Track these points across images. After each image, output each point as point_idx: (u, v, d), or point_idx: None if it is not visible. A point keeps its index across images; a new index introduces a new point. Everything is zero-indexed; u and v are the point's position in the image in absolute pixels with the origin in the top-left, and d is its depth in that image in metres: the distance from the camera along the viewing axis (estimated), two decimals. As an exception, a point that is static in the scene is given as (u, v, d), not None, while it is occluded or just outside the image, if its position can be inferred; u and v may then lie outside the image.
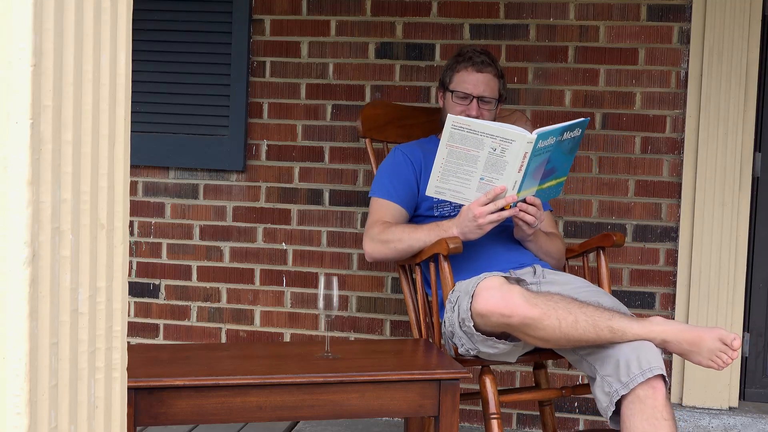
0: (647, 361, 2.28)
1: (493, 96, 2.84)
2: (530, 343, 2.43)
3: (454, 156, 2.51)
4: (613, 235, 2.79)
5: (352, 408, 2.20)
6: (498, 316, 2.34)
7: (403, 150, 2.91)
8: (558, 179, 2.67)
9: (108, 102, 1.36)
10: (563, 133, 2.51)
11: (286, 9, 3.54)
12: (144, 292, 3.67)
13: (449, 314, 2.52)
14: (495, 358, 2.51)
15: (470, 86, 2.82)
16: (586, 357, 2.41)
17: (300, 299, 3.58)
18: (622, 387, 2.28)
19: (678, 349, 2.34)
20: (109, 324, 1.39)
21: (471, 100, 2.81)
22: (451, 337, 2.54)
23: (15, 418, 1.21)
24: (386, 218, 2.79)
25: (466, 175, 2.53)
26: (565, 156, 2.60)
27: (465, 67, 2.84)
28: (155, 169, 3.64)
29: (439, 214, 2.81)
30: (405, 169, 2.86)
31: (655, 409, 2.25)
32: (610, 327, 2.33)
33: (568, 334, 2.33)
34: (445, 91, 2.89)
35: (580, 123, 2.55)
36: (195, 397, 2.11)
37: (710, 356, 2.32)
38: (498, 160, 2.47)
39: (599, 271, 2.82)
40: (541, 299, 2.36)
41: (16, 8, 1.20)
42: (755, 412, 3.30)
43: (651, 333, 2.33)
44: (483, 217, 2.53)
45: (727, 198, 3.27)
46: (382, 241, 2.73)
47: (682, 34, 3.31)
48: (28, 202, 1.21)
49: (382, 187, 2.85)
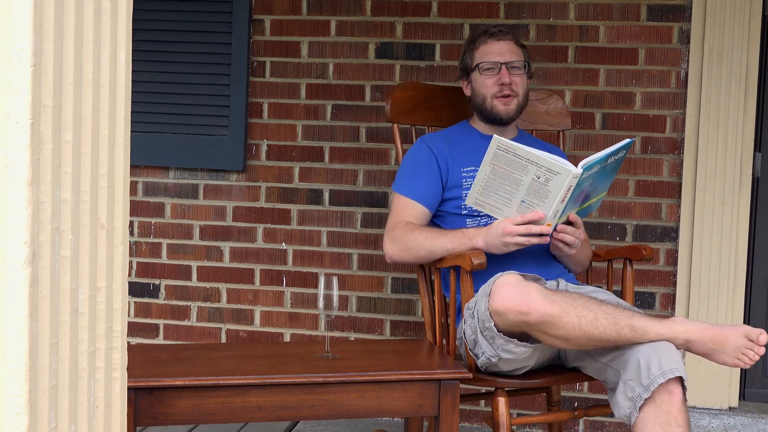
0: (668, 362, 2.20)
1: (520, 60, 2.74)
2: (549, 343, 2.33)
3: (496, 175, 2.43)
4: (642, 249, 2.69)
5: (352, 408, 2.20)
6: (516, 314, 2.25)
7: (429, 143, 2.77)
8: (598, 196, 2.61)
9: (108, 102, 1.36)
10: (608, 159, 2.44)
11: (286, 9, 3.54)
12: (144, 292, 3.67)
13: (469, 321, 2.42)
14: (514, 365, 2.42)
15: (495, 55, 2.72)
16: (611, 363, 2.33)
17: (300, 299, 3.58)
18: (644, 390, 2.20)
19: (702, 348, 2.26)
20: (109, 324, 1.39)
21: (500, 68, 2.72)
22: (472, 348, 2.44)
23: (15, 418, 1.21)
24: (408, 218, 2.69)
25: (507, 195, 2.45)
26: (608, 176, 2.54)
27: (484, 41, 2.75)
28: (155, 169, 3.64)
29: (467, 212, 2.69)
30: (429, 165, 2.73)
31: (670, 415, 2.18)
32: (631, 325, 2.24)
33: (589, 332, 2.24)
34: (469, 73, 2.79)
35: (625, 146, 2.46)
36: (195, 397, 2.11)
37: (736, 354, 2.24)
38: (541, 188, 2.39)
39: (624, 282, 2.73)
40: (560, 296, 2.27)
41: (16, 8, 1.20)
42: (755, 412, 3.30)
43: (673, 332, 2.25)
44: (511, 237, 2.45)
45: (727, 198, 3.27)
46: (404, 244, 2.64)
47: (682, 34, 3.31)
48: (28, 202, 1.21)
49: (405, 184, 2.74)
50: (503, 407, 2.38)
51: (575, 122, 3.33)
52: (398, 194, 2.75)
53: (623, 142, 2.47)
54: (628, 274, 2.73)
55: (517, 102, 2.75)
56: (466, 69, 2.80)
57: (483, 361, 2.41)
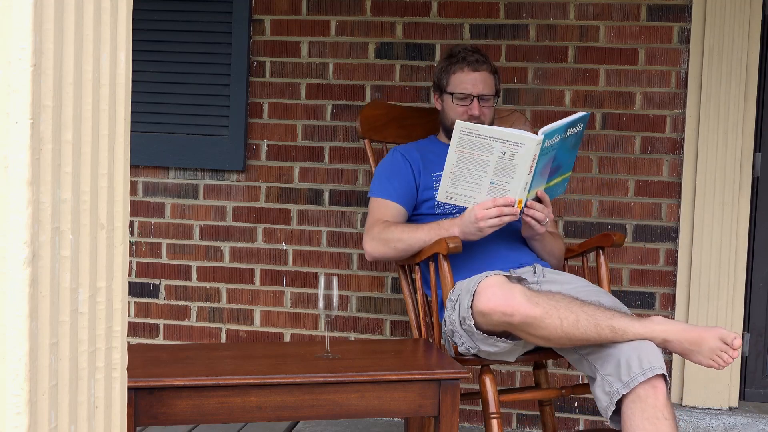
0: (648, 360, 2.28)
1: (491, 93, 2.87)
2: (531, 342, 2.44)
3: (463, 161, 2.53)
4: (613, 234, 2.79)
5: (352, 408, 2.20)
6: (499, 315, 2.34)
7: (401, 151, 2.92)
8: (563, 175, 2.69)
9: (108, 102, 1.36)
10: (567, 130, 2.52)
11: (286, 9, 3.54)
12: (144, 292, 3.67)
13: (450, 312, 2.52)
14: (495, 357, 2.52)
15: (469, 86, 2.84)
16: (587, 356, 2.41)
17: (300, 299, 3.58)
18: (622, 386, 2.28)
19: (679, 348, 2.34)
20: (109, 324, 1.39)
21: (471, 99, 2.83)
22: (451, 336, 2.54)
23: (15, 418, 1.21)
24: (386, 217, 2.80)
25: (476, 180, 2.54)
26: (569, 152, 2.62)
27: (461, 68, 2.85)
28: (155, 169, 3.64)
29: (440, 212, 2.81)
30: (403, 169, 2.87)
31: (656, 408, 2.25)
32: (611, 326, 2.33)
33: (570, 333, 2.33)
34: (442, 93, 2.90)
35: (582, 118, 2.56)
36: (195, 397, 2.11)
37: (711, 355, 2.32)
38: (507, 164, 2.49)
39: (599, 270, 2.83)
40: (543, 298, 2.36)
41: (16, 8, 1.20)
42: (755, 412, 3.29)
43: (652, 332, 2.33)
44: (484, 221, 2.54)
45: (727, 198, 3.26)
46: (382, 240, 2.73)
47: (682, 34, 3.31)
48: (28, 202, 1.21)
49: (381, 187, 2.86)
50: (489, 384, 2.50)
51: (575, 122, 3.33)
52: (375, 197, 2.87)
53: (580, 113, 2.57)
54: (602, 262, 2.83)
55: None
56: (440, 87, 2.91)
57: (463, 350, 2.53)
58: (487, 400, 2.48)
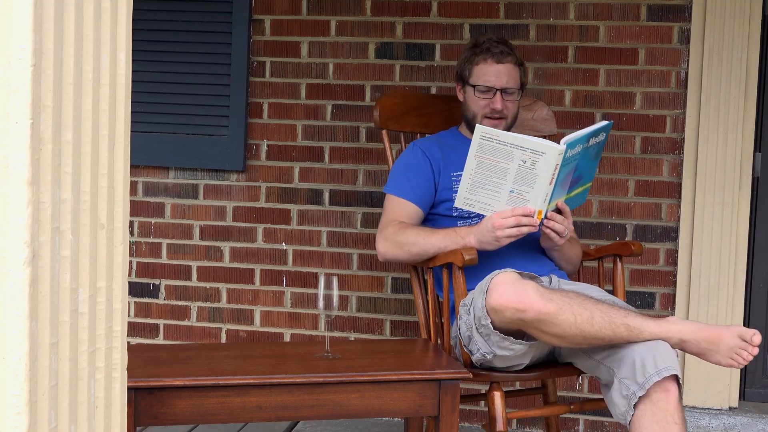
0: (663, 360, 2.22)
1: (515, 86, 2.75)
2: (545, 341, 2.35)
3: (483, 167, 2.44)
4: (632, 244, 2.72)
5: (352, 408, 2.20)
6: (512, 311, 2.27)
7: (422, 147, 2.80)
8: (584, 186, 2.62)
9: (108, 102, 1.36)
10: (589, 139, 2.45)
11: (286, 9, 3.54)
12: (144, 292, 3.67)
13: (465, 318, 2.44)
14: (509, 362, 2.44)
15: (492, 78, 2.73)
16: (603, 361, 2.35)
17: (300, 299, 3.58)
18: (638, 388, 2.22)
19: (696, 348, 2.28)
20: (109, 324, 1.39)
21: (494, 93, 2.72)
22: (467, 344, 2.45)
23: (15, 418, 1.21)
24: (401, 218, 2.72)
25: (495, 188, 2.46)
26: (591, 162, 2.54)
27: (484, 59, 2.74)
28: (155, 169, 3.64)
29: (458, 214, 2.71)
30: (423, 168, 2.76)
31: (666, 412, 2.20)
32: (626, 324, 2.26)
33: (584, 330, 2.26)
34: (464, 85, 2.79)
35: (605, 127, 2.48)
36: (195, 397, 2.12)
37: (730, 354, 2.26)
38: (528, 173, 2.41)
39: (614, 279, 2.76)
40: (556, 295, 2.30)
41: (16, 8, 1.20)
42: (755, 412, 3.30)
43: (668, 332, 2.27)
44: (501, 230, 2.46)
45: (727, 198, 3.26)
46: (396, 242, 2.66)
47: (682, 34, 3.31)
48: (28, 202, 1.21)
49: (398, 185, 2.77)
50: (499, 401, 2.41)
51: (576, 122, 3.33)
52: (391, 195, 2.78)
53: (603, 123, 2.49)
54: (619, 271, 2.76)
55: (504, 123, 2.77)
56: (462, 78, 2.81)
57: (478, 358, 2.43)
58: (495, 418, 2.39)
